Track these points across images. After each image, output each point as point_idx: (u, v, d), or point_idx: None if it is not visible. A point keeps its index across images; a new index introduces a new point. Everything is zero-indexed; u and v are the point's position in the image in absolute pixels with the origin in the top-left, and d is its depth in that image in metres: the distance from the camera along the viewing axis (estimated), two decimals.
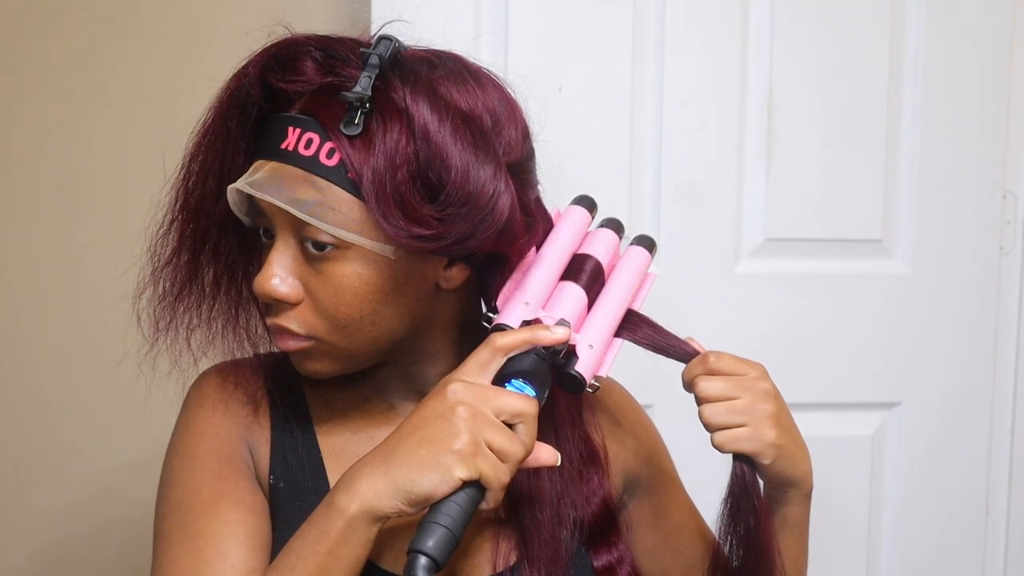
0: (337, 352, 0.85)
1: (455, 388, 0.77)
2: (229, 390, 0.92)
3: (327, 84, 0.81)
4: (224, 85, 0.84)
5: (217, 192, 0.85)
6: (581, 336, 0.86)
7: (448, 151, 0.79)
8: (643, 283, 0.95)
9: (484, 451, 0.75)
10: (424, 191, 0.79)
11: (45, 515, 1.47)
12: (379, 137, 0.78)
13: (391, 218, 0.78)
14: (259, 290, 0.83)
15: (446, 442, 0.74)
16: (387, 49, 0.80)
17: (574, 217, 0.95)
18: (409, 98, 0.79)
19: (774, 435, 0.87)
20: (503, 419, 0.77)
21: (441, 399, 0.77)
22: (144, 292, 0.90)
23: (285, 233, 0.83)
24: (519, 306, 0.85)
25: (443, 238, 0.80)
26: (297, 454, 0.91)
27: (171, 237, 0.88)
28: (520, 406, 0.77)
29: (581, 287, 0.89)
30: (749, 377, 0.88)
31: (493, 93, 0.86)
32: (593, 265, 0.91)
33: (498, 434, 0.76)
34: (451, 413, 0.75)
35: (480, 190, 0.79)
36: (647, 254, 0.96)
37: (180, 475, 0.89)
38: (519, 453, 0.76)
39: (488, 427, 0.75)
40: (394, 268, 0.83)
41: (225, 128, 0.84)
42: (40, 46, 1.42)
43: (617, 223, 0.97)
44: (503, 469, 0.76)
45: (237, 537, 0.85)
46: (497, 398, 0.77)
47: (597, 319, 0.89)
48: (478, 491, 0.76)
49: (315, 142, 0.79)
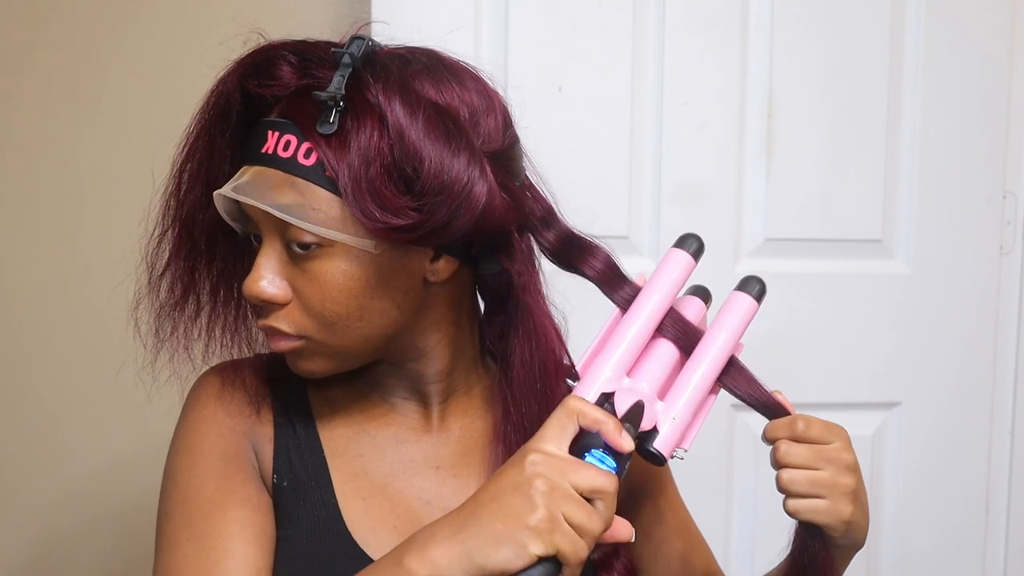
0: (328, 350, 0.86)
1: (534, 459, 0.74)
2: (231, 390, 0.93)
3: (303, 86, 0.82)
4: (205, 95, 0.86)
5: (206, 201, 0.86)
6: (666, 405, 0.83)
7: (420, 143, 0.80)
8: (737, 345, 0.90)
9: (562, 526, 0.72)
10: (399, 183, 0.81)
11: (38, 510, 1.48)
12: (353, 134, 0.80)
13: (368, 211, 0.79)
14: (248, 292, 0.84)
15: (523, 516, 0.71)
16: (359, 48, 0.81)
17: (672, 263, 0.90)
18: (381, 95, 0.81)
19: (850, 512, 0.86)
20: (582, 494, 0.74)
21: (519, 469, 0.74)
22: (141, 303, 0.90)
23: (271, 235, 0.84)
24: (599, 374, 0.82)
25: (420, 227, 0.81)
26: (300, 453, 0.91)
27: (165, 248, 0.89)
28: (600, 482, 0.74)
29: (676, 346, 0.86)
30: (833, 448, 0.86)
31: (470, 85, 0.87)
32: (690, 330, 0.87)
33: (577, 510, 0.73)
34: (528, 486, 0.72)
35: (454, 179, 0.80)
36: (754, 303, 0.90)
37: (184, 474, 0.89)
38: (597, 529, 0.73)
39: (566, 502, 0.72)
40: (377, 263, 0.83)
41: (209, 137, 0.85)
42: (28, 61, 1.42)
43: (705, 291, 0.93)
44: (581, 545, 0.72)
45: (244, 536, 0.85)
46: (576, 472, 0.74)
47: (685, 386, 0.84)
48: (555, 566, 0.72)
49: (293, 143, 0.81)
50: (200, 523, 0.85)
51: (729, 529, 1.55)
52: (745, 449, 1.54)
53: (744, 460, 1.55)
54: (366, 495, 0.90)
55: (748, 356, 0.90)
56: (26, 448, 1.47)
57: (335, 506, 0.89)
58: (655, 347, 0.86)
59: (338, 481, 0.90)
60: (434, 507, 0.90)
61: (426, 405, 0.94)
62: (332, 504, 0.89)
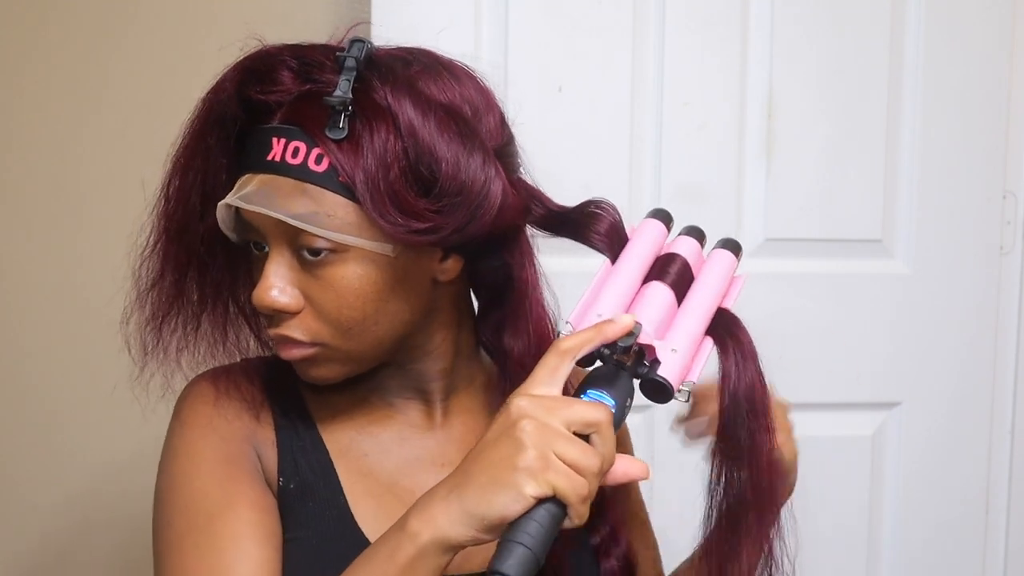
0: (343, 355, 0.85)
1: (519, 403, 0.72)
2: (226, 395, 0.91)
3: (306, 91, 0.81)
4: (200, 102, 0.84)
5: (201, 210, 0.85)
6: (664, 341, 0.80)
7: (436, 145, 0.79)
8: (732, 285, 0.90)
9: (555, 464, 0.70)
10: (417, 186, 0.80)
11: (39, 511, 1.48)
12: (366, 138, 0.79)
13: (388, 216, 0.79)
14: (259, 303, 0.83)
15: (512, 459, 0.70)
16: (361, 51, 0.80)
17: (649, 228, 0.90)
18: (391, 97, 0.80)
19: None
20: (575, 430, 0.72)
21: (505, 416, 0.72)
22: (131, 316, 0.89)
23: (279, 243, 0.83)
24: (592, 319, 0.81)
25: (441, 229, 0.80)
26: (305, 454, 0.91)
27: (155, 259, 0.87)
28: (592, 415, 0.72)
29: (667, 285, 0.84)
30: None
31: (468, 83, 0.86)
32: (680, 264, 0.86)
33: (568, 446, 0.70)
34: (515, 428, 0.71)
35: (472, 179, 0.80)
36: (733, 257, 0.91)
37: (185, 480, 0.87)
38: (594, 464, 0.71)
39: (557, 439, 0.70)
40: (393, 265, 0.83)
41: (205, 145, 0.84)
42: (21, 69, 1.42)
43: (698, 231, 0.92)
44: (579, 482, 0.70)
45: (256, 537, 0.84)
46: (565, 408, 0.72)
47: (682, 321, 0.83)
48: (558, 507, 0.70)
49: (302, 150, 0.79)
50: (207, 527, 0.84)
51: None
52: None
53: None
54: (375, 494, 0.89)
55: None
56: (27, 450, 1.47)
57: (345, 506, 0.88)
58: (648, 291, 0.84)
59: (345, 480, 0.90)
60: None
61: (429, 403, 0.94)
62: (342, 504, 0.88)
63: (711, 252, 0.91)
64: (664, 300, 0.84)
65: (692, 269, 0.87)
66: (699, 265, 0.89)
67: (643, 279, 0.86)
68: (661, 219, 0.91)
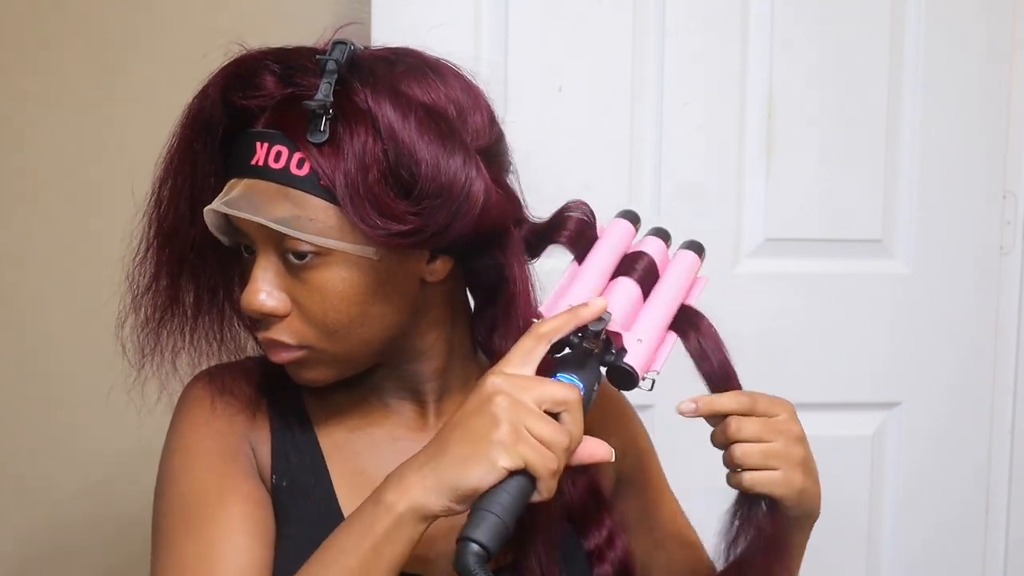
0: (330, 358, 0.86)
1: (493, 380, 0.76)
2: (224, 392, 0.92)
3: (288, 95, 0.81)
4: (186, 108, 0.84)
5: (190, 215, 0.85)
6: (631, 332, 0.85)
7: (416, 146, 0.80)
8: (694, 285, 0.94)
9: (526, 438, 0.74)
10: (397, 188, 0.80)
11: (41, 506, 1.48)
12: (346, 141, 0.79)
13: (368, 219, 0.79)
14: (246, 307, 0.83)
15: (487, 433, 0.74)
16: (343, 53, 0.80)
17: (618, 227, 0.94)
18: (371, 99, 0.80)
19: (802, 480, 0.87)
20: (545, 408, 0.76)
21: (480, 392, 0.76)
22: (126, 321, 0.90)
23: (265, 247, 0.83)
24: (562, 308, 0.84)
25: (422, 231, 0.80)
26: (299, 452, 0.91)
27: (148, 264, 0.88)
28: (562, 393, 0.76)
29: (634, 280, 0.88)
30: (781, 420, 0.87)
31: (455, 83, 0.86)
32: (647, 262, 0.90)
33: (539, 422, 0.74)
34: (490, 404, 0.75)
35: (452, 179, 0.80)
36: (696, 257, 0.95)
37: (183, 473, 0.88)
38: (563, 441, 0.75)
39: (528, 415, 0.74)
40: (377, 268, 0.83)
41: (192, 151, 0.84)
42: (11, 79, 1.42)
43: (664, 232, 0.96)
44: (549, 456, 0.74)
45: (248, 531, 0.85)
46: (537, 386, 0.76)
47: (647, 314, 0.87)
48: (528, 480, 0.74)
49: (284, 154, 0.80)
50: (201, 519, 0.85)
51: None
52: None
53: None
54: (366, 493, 0.89)
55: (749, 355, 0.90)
56: (29, 445, 1.47)
57: (336, 504, 0.89)
58: (616, 285, 0.88)
59: (337, 479, 0.90)
60: None
61: (422, 404, 0.94)
62: (333, 502, 0.89)
63: (676, 252, 0.95)
64: (631, 294, 0.87)
65: (658, 267, 0.91)
66: (664, 264, 0.93)
67: (611, 275, 0.89)
68: (629, 219, 0.95)
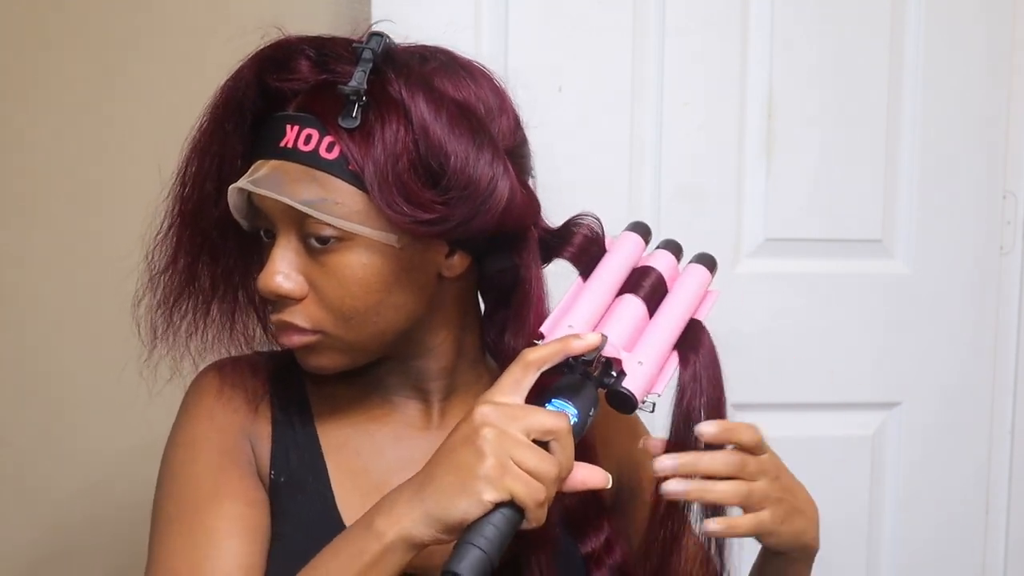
0: (343, 345, 0.86)
1: (482, 410, 0.76)
2: (230, 387, 0.93)
3: (322, 81, 0.83)
4: (219, 88, 0.85)
5: (215, 196, 0.86)
6: (632, 353, 0.83)
7: (447, 140, 0.81)
8: (705, 299, 0.92)
9: (513, 471, 0.73)
10: (425, 177, 0.81)
11: (46, 503, 1.48)
12: (378, 129, 0.80)
13: (395, 205, 0.80)
14: (263, 287, 0.84)
15: (472, 466, 0.74)
16: (379, 44, 0.81)
17: (627, 242, 0.93)
18: (405, 91, 0.81)
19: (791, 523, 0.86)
20: (534, 437, 0.75)
21: (469, 422, 0.76)
22: (143, 300, 0.90)
23: (287, 230, 0.84)
24: (563, 330, 0.83)
25: (447, 221, 0.81)
26: (298, 449, 0.91)
27: (169, 242, 0.88)
28: (550, 423, 0.75)
29: (639, 298, 0.87)
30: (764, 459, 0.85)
31: (484, 83, 0.88)
32: (654, 278, 0.89)
33: (526, 452, 0.74)
34: (476, 436, 0.74)
35: (480, 175, 0.81)
36: (707, 272, 0.93)
37: (181, 468, 0.89)
38: (552, 471, 0.75)
39: (515, 446, 0.74)
40: (398, 257, 0.84)
41: (222, 131, 0.85)
42: (35, 56, 1.43)
43: (675, 245, 0.95)
44: (536, 487, 0.74)
45: (237, 531, 0.85)
46: (525, 416, 0.75)
47: (651, 335, 0.86)
48: (515, 512, 0.74)
49: (314, 137, 0.81)
50: (193, 516, 0.85)
51: None
52: None
53: None
54: (364, 492, 0.90)
55: (749, 355, 0.91)
56: (34, 442, 1.47)
57: (332, 501, 0.89)
58: (621, 303, 0.87)
59: (335, 477, 0.90)
60: None
61: (427, 403, 0.94)
62: (329, 500, 0.89)
63: (686, 266, 0.93)
64: (635, 313, 0.86)
65: (666, 283, 0.90)
66: (674, 278, 0.91)
67: (617, 291, 0.88)
68: (639, 232, 0.94)
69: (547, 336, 0.83)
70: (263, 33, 0.85)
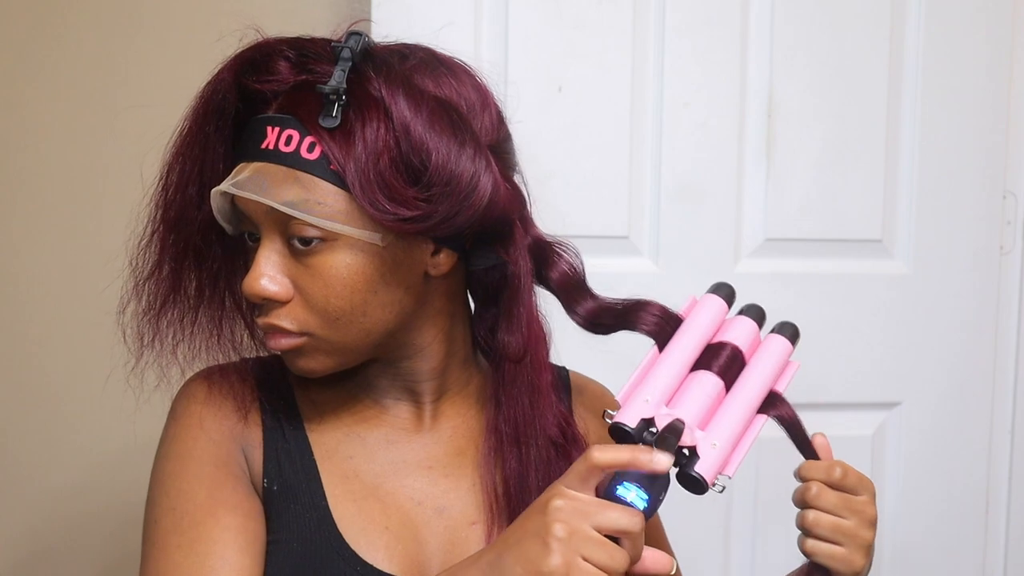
0: (330, 347, 0.86)
1: (556, 503, 0.75)
2: (218, 395, 0.92)
3: (302, 82, 0.82)
4: (199, 92, 0.85)
5: (198, 200, 0.86)
6: (707, 433, 0.82)
7: (428, 137, 0.81)
8: (785, 370, 0.91)
9: (580, 568, 0.73)
10: (407, 175, 0.81)
11: (35, 504, 1.48)
12: (358, 128, 0.80)
13: (377, 203, 0.80)
14: (248, 291, 0.84)
15: (539, 563, 0.73)
16: (357, 43, 0.81)
17: (708, 307, 0.90)
18: (385, 89, 0.81)
19: (863, 565, 0.88)
20: (605, 534, 0.74)
21: (540, 513, 0.75)
22: (128, 306, 0.90)
23: (270, 232, 0.83)
24: (639, 403, 0.81)
25: (429, 218, 0.81)
26: (290, 456, 0.91)
27: (153, 249, 0.88)
28: (623, 523, 0.74)
29: (715, 374, 0.85)
30: (861, 500, 0.88)
31: (465, 80, 0.88)
32: (730, 352, 0.87)
33: (596, 551, 0.73)
34: (546, 532, 0.73)
35: (462, 170, 0.81)
36: (788, 344, 0.91)
37: (174, 480, 0.88)
38: (620, 567, 0.74)
39: (585, 544, 0.73)
40: (383, 256, 0.83)
41: (203, 135, 0.84)
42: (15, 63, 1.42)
43: (758, 311, 0.92)
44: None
45: (238, 543, 0.85)
46: (598, 513, 0.74)
47: (727, 413, 0.84)
48: None
49: (295, 138, 0.81)
50: (192, 530, 0.85)
51: (729, 530, 1.55)
52: None
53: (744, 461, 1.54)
54: (357, 497, 0.90)
55: None
56: (24, 443, 1.47)
57: (326, 508, 0.88)
58: (696, 380, 0.85)
59: (328, 483, 0.90)
60: (426, 507, 0.90)
61: (418, 404, 0.94)
62: (323, 506, 0.89)
63: (767, 336, 0.91)
64: (710, 391, 0.84)
65: (744, 355, 0.88)
66: (755, 346, 0.89)
67: (693, 364, 0.86)
68: (722, 295, 0.91)
69: (623, 404, 0.82)
70: (241, 35, 0.85)
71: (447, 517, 0.90)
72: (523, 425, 0.90)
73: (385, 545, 0.88)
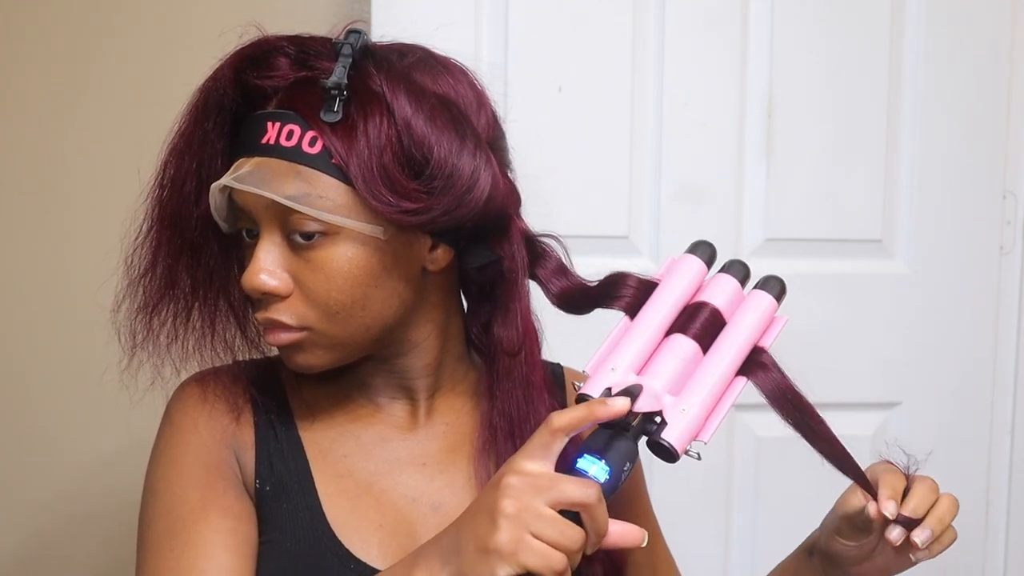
0: (329, 341, 0.86)
1: (508, 480, 0.73)
2: (211, 398, 0.92)
3: (302, 78, 0.83)
4: (199, 88, 0.85)
5: (195, 197, 0.85)
6: (679, 398, 0.79)
7: (430, 132, 0.81)
8: (770, 327, 0.86)
9: (529, 545, 0.71)
10: (409, 168, 0.82)
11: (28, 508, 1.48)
12: (360, 123, 0.80)
13: (380, 196, 0.80)
14: (248, 286, 0.83)
15: (485, 539, 0.72)
16: (357, 40, 0.82)
17: (684, 267, 0.87)
18: (386, 85, 0.81)
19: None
20: (561, 508, 0.72)
21: (493, 489, 0.74)
22: (122, 305, 0.89)
23: (270, 227, 0.83)
24: (605, 373, 0.80)
25: (431, 210, 0.81)
26: (282, 457, 0.91)
27: (148, 246, 0.88)
28: (576, 495, 0.72)
29: (690, 337, 0.82)
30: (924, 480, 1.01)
31: (462, 79, 0.88)
32: (708, 313, 0.84)
33: (546, 527, 0.71)
34: (495, 508, 0.72)
35: (463, 165, 0.82)
36: (772, 301, 0.87)
37: (167, 483, 0.88)
38: (576, 542, 0.72)
39: (535, 520, 0.71)
40: (383, 249, 0.84)
41: (202, 131, 0.84)
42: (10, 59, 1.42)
43: (741, 268, 0.88)
44: (556, 558, 0.71)
45: (229, 545, 0.85)
46: (551, 488, 0.72)
47: (701, 378, 0.81)
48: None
49: (296, 133, 0.81)
50: (183, 533, 0.85)
51: (729, 530, 1.55)
52: (745, 450, 1.54)
53: (744, 460, 1.54)
54: (351, 495, 0.90)
55: None
56: (15, 446, 1.47)
57: (319, 507, 0.89)
58: (668, 344, 0.82)
59: (321, 483, 0.90)
60: (420, 504, 0.91)
61: (413, 401, 0.94)
62: (316, 506, 0.89)
63: (750, 292, 0.87)
64: (684, 354, 0.81)
65: (724, 315, 0.84)
66: (736, 305, 0.86)
67: (668, 328, 0.83)
68: (700, 255, 0.88)
69: (592, 375, 0.80)
70: (241, 32, 0.85)
71: (442, 513, 0.90)
72: (517, 419, 0.90)
73: (379, 543, 0.88)
